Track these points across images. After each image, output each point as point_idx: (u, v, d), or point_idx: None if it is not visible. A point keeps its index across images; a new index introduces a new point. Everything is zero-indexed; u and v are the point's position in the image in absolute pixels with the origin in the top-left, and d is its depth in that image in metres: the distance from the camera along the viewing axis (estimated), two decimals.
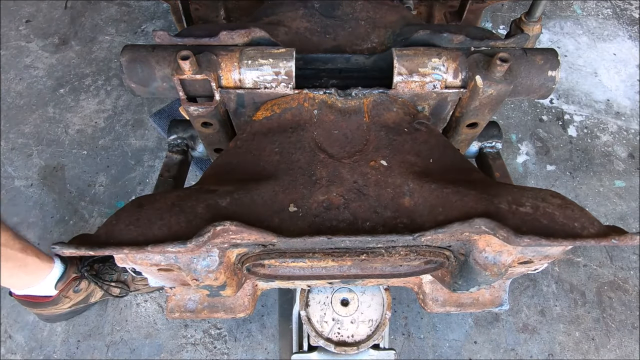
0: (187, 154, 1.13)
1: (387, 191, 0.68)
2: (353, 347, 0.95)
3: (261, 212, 0.64)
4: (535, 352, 1.83)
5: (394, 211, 0.65)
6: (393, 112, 0.84)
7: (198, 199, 0.63)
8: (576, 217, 0.60)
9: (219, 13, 1.37)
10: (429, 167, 0.73)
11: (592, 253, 2.04)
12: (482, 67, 0.82)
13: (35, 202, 2.12)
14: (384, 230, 0.63)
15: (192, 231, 0.56)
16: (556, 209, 0.60)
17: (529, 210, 0.60)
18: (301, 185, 0.69)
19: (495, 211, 0.59)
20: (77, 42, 2.61)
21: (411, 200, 0.67)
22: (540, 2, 0.94)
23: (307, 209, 0.66)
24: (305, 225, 0.63)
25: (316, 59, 0.93)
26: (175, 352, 1.80)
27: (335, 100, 0.84)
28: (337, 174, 0.71)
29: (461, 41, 0.87)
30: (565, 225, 0.58)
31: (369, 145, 0.77)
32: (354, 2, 1.04)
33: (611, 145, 2.33)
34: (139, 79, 0.85)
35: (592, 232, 0.57)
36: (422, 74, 0.83)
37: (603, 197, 2.18)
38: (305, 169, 0.72)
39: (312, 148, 0.77)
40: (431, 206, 0.65)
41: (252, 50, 0.83)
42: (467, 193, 0.64)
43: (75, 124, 2.34)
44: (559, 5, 2.82)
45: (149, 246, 0.54)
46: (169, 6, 1.31)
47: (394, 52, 0.84)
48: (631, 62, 2.60)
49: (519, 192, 0.64)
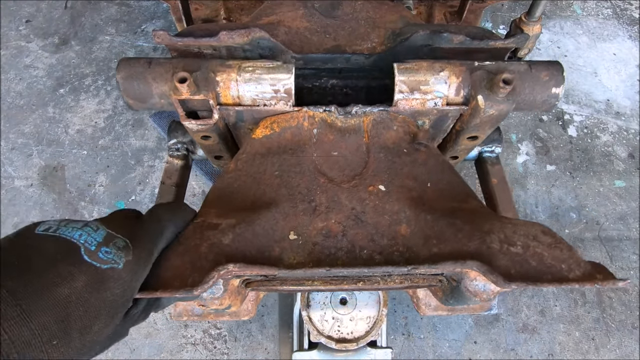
0: (188, 158, 1.12)
1: (384, 218, 0.70)
2: (352, 342, 0.99)
3: (262, 242, 0.66)
4: (535, 352, 1.83)
5: (390, 239, 0.67)
6: (393, 130, 0.83)
7: (202, 237, 0.64)
8: (564, 257, 0.62)
9: (219, 13, 1.37)
10: (426, 192, 0.75)
11: (592, 253, 2.04)
12: (485, 85, 0.80)
13: (35, 202, 2.12)
14: (380, 260, 0.65)
15: (197, 273, 0.59)
16: (545, 248, 0.62)
17: (519, 250, 0.62)
18: (301, 212, 0.71)
19: (486, 251, 0.61)
20: (77, 42, 2.62)
21: (407, 228, 0.68)
22: (540, 2, 0.94)
23: (307, 236, 0.68)
24: (305, 253, 0.65)
25: (316, 58, 0.93)
26: (175, 352, 1.80)
27: (335, 118, 0.84)
28: (336, 199, 0.72)
29: (461, 41, 0.87)
30: (552, 267, 0.60)
31: (368, 168, 0.78)
32: (354, 2, 1.03)
33: (611, 145, 2.33)
34: (136, 95, 0.83)
35: (578, 275, 0.59)
36: (424, 91, 0.81)
37: (603, 197, 2.18)
38: (305, 194, 0.73)
39: (311, 171, 0.77)
40: (426, 237, 0.66)
41: (250, 66, 0.81)
42: (462, 227, 0.65)
43: (75, 124, 2.34)
44: (559, 5, 2.82)
45: (158, 291, 0.57)
46: (169, 6, 1.31)
47: (395, 67, 0.82)
48: (631, 62, 2.60)
49: (512, 229, 0.65)
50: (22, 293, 0.42)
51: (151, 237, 0.58)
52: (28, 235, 0.49)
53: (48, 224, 0.50)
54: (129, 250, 0.52)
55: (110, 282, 0.48)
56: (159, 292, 0.57)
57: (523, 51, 1.03)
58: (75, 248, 0.48)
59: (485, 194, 1.11)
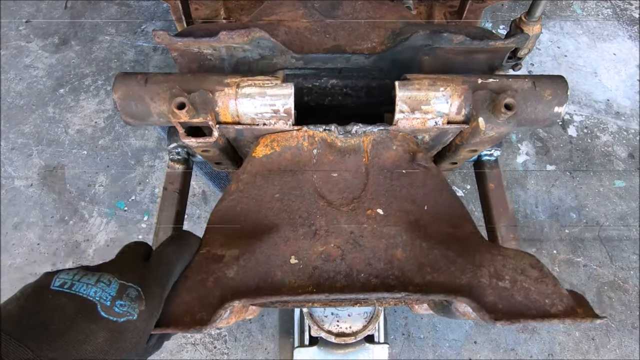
0: (189, 162, 1.13)
1: (381, 242, 0.73)
2: (351, 336, 1.04)
3: (264, 269, 0.69)
4: (535, 352, 1.83)
5: (386, 262, 0.70)
6: (392, 150, 0.84)
7: (207, 270, 0.68)
8: (548, 292, 0.65)
9: (219, 13, 1.37)
10: (423, 216, 0.77)
11: (592, 253, 2.04)
12: (486, 107, 0.79)
13: (35, 202, 2.12)
14: (376, 283, 0.68)
15: (205, 311, 0.63)
16: (532, 283, 0.66)
17: (507, 285, 0.65)
18: (301, 236, 0.73)
19: (477, 285, 0.65)
20: (77, 42, 2.62)
21: (403, 253, 0.71)
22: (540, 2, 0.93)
23: (307, 260, 0.71)
24: (305, 277, 0.69)
25: (316, 58, 0.93)
26: (175, 352, 1.80)
27: (335, 138, 0.84)
28: (336, 222, 0.75)
29: (461, 41, 0.87)
30: (537, 301, 0.64)
31: (366, 191, 0.79)
32: (354, 2, 1.04)
33: (611, 145, 2.33)
34: (134, 114, 0.82)
35: (560, 310, 0.63)
36: (425, 111, 0.81)
37: (603, 197, 2.18)
38: (305, 218, 0.76)
39: (311, 194, 0.79)
40: (420, 264, 0.70)
41: (248, 85, 0.80)
42: (454, 260, 0.69)
43: (75, 124, 2.34)
44: (559, 5, 2.82)
45: (169, 328, 0.60)
46: (169, 6, 1.31)
47: (396, 86, 0.81)
48: (631, 62, 2.60)
49: (502, 261, 0.68)
50: (48, 354, 0.45)
51: (161, 282, 0.61)
52: (45, 292, 0.52)
53: (62, 278, 0.53)
54: (142, 300, 0.55)
55: (127, 333, 0.52)
56: (171, 329, 0.60)
57: (523, 51, 1.03)
58: (92, 306, 0.51)
59: (482, 198, 1.12)
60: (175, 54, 0.89)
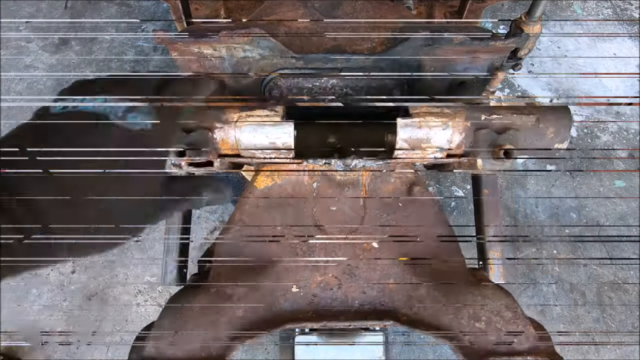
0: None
1: (375, 272, 0.82)
2: None
3: (269, 300, 0.79)
4: None
5: (379, 291, 0.81)
6: (390, 183, 0.88)
7: (218, 312, 0.76)
8: (517, 332, 0.75)
9: (219, 13, 1.37)
10: (416, 247, 0.86)
11: (592, 253, 2.04)
12: (486, 147, 0.80)
13: None
14: (369, 309, 0.79)
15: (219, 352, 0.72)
16: (505, 324, 0.75)
17: (482, 326, 0.75)
18: (302, 267, 0.82)
19: (457, 325, 0.76)
20: (77, 42, 2.62)
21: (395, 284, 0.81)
22: (540, 2, 0.93)
23: (308, 289, 0.80)
24: (305, 303, 0.79)
25: (316, 58, 0.93)
26: None
27: (334, 172, 0.88)
28: (334, 255, 0.84)
29: (461, 41, 0.87)
30: (506, 340, 0.74)
31: (363, 224, 0.86)
32: (354, 2, 1.04)
33: (611, 145, 2.33)
34: None
35: (525, 348, 0.73)
36: (425, 147, 0.81)
37: (603, 197, 2.18)
38: (305, 251, 0.84)
39: (311, 226, 0.86)
40: (409, 297, 0.80)
41: (248, 122, 0.79)
42: (439, 300, 0.79)
43: None
44: (559, 5, 2.83)
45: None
46: (169, 6, 1.31)
47: (398, 125, 0.79)
48: (631, 62, 2.60)
49: (481, 302, 0.78)
50: None
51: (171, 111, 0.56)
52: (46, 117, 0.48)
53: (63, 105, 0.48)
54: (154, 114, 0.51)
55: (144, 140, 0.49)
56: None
57: (523, 51, 1.03)
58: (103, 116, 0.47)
59: (475, 202, 1.15)
60: (175, 54, 0.90)
